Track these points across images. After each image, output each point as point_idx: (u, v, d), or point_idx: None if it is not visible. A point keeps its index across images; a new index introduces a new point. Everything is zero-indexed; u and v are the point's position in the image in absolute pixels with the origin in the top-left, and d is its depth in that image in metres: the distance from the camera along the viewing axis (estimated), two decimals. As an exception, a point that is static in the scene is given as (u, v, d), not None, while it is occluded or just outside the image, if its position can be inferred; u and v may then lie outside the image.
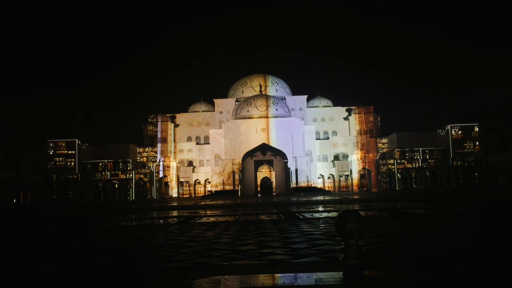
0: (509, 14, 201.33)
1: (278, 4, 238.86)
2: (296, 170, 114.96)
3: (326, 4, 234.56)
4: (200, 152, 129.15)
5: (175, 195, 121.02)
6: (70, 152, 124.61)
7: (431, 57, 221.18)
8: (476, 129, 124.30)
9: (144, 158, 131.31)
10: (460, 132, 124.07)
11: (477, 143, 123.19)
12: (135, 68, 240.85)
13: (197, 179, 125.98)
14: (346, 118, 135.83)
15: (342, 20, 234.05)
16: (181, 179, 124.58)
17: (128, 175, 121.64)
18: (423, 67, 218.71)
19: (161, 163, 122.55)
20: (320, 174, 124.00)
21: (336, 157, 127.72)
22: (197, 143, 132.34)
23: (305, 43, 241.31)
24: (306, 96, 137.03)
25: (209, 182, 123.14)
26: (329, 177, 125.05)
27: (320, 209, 37.85)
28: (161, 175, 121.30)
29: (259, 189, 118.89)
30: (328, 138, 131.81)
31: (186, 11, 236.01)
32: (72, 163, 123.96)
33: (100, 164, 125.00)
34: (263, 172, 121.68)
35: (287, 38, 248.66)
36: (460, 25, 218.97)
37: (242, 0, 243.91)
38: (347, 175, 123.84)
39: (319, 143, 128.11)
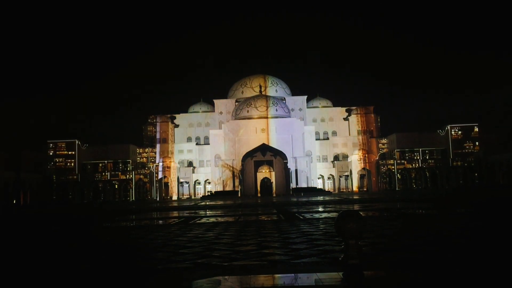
0: (509, 13, 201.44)
1: (279, 7, 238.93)
2: (296, 170, 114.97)
3: (327, 8, 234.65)
4: (200, 152, 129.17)
5: (175, 195, 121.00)
6: (70, 152, 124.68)
7: (431, 57, 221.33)
8: (476, 129, 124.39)
9: (144, 158, 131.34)
10: (460, 132, 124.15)
11: (477, 143, 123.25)
12: (135, 69, 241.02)
13: (197, 180, 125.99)
14: (346, 119, 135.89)
15: (342, 22, 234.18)
16: (181, 180, 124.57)
17: (128, 176, 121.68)
18: (422, 67, 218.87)
19: (160, 164, 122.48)
20: (320, 175, 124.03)
21: (336, 158, 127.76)
22: (197, 144, 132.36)
23: (305, 44, 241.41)
24: (305, 97, 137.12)
25: (209, 183, 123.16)
26: (329, 178, 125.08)
27: (320, 209, 37.83)
28: (160, 175, 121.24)
29: (259, 189, 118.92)
30: (328, 139, 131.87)
31: (187, 12, 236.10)
32: (72, 164, 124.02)
33: (100, 164, 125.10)
34: (263, 172, 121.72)
35: (287, 38, 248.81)
36: (460, 25, 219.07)
37: (245, 3, 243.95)
38: (347, 176, 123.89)
39: (319, 143, 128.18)
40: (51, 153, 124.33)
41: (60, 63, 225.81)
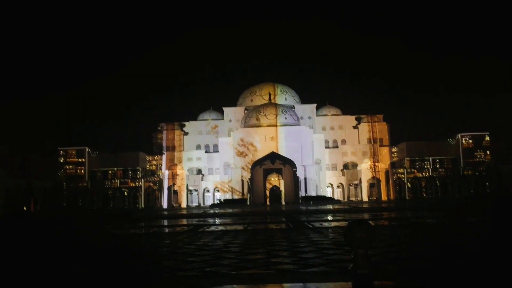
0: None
1: (289, 15, 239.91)
2: (305, 179, 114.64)
3: (337, 15, 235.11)
4: (209, 160, 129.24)
5: (184, 203, 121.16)
6: (80, 160, 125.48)
7: (442, 65, 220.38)
8: (487, 138, 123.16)
9: (154, 166, 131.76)
10: (470, 141, 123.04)
11: (488, 152, 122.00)
12: (145, 76, 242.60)
13: (206, 187, 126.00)
14: (355, 127, 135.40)
15: (352, 29, 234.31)
16: (190, 188, 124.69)
17: (137, 183, 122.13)
18: (433, 74, 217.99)
19: (166, 172, 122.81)
20: (329, 183, 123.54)
21: (346, 166, 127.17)
22: (206, 151, 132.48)
23: (314, 52, 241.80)
24: (315, 105, 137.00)
25: (218, 191, 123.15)
26: (338, 186, 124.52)
27: (329, 218, 37.63)
28: (166, 183, 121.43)
29: (268, 197, 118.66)
30: (337, 147, 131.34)
31: (197, 19, 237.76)
32: (82, 171, 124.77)
33: (110, 172, 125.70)
34: (272, 180, 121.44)
35: (296, 47, 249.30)
36: (471, 31, 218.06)
37: (254, 10, 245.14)
38: (357, 184, 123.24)
39: (328, 151, 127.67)
40: (61, 160, 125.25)
41: (71, 68, 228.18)
